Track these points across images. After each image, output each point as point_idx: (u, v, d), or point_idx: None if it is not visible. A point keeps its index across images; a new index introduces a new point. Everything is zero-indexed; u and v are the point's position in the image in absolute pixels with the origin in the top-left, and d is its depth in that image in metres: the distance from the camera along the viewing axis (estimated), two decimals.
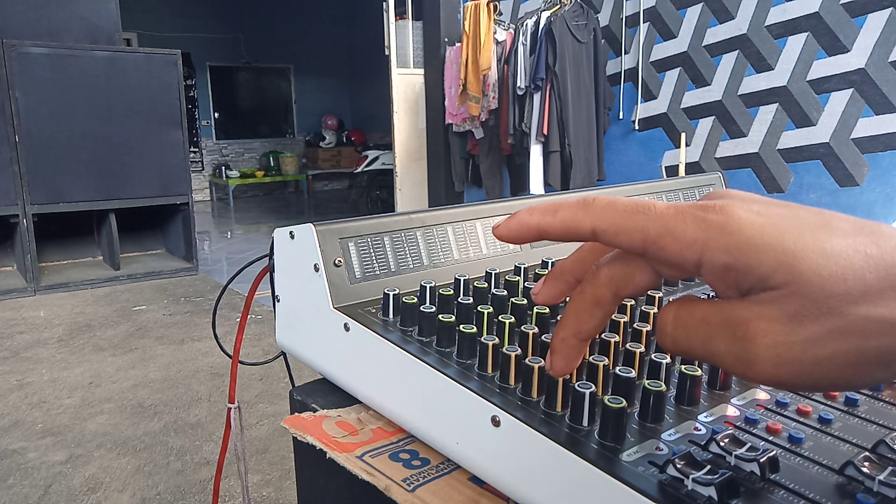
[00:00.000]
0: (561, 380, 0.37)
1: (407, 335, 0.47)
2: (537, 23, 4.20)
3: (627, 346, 0.42)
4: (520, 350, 0.41)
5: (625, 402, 0.34)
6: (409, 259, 0.57)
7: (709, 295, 0.58)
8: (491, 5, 4.53)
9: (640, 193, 0.77)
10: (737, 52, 3.77)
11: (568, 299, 0.31)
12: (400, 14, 5.30)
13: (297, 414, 0.52)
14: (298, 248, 0.54)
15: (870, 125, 3.29)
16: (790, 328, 0.24)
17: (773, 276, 0.24)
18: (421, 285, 0.51)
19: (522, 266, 0.58)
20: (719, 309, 0.26)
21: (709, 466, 0.31)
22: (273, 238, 0.58)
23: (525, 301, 0.48)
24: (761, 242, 0.24)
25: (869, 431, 0.37)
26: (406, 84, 5.33)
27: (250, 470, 2.09)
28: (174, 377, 2.88)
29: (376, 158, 7.15)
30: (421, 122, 5.46)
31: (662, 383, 0.37)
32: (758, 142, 3.76)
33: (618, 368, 0.38)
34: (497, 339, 0.42)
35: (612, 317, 0.45)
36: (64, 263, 4.76)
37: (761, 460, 0.31)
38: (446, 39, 5.11)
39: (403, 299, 0.48)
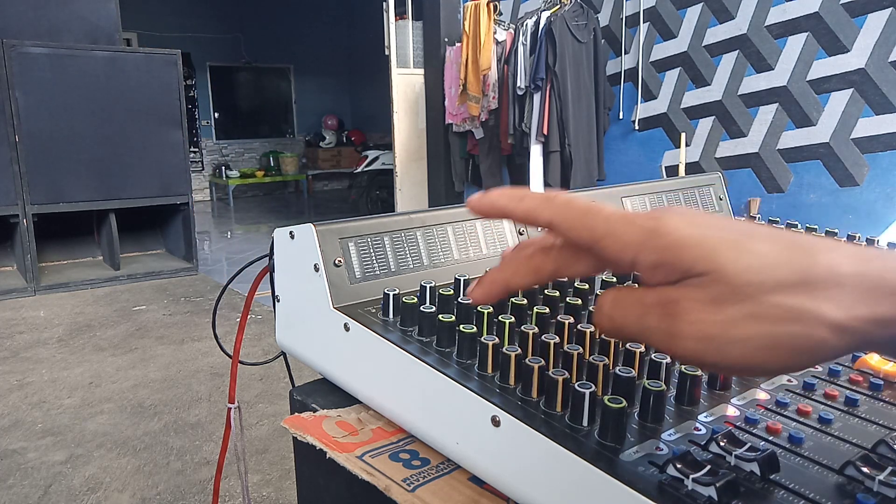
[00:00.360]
0: (561, 379, 0.37)
1: (407, 335, 0.47)
2: (537, 23, 4.20)
3: (627, 345, 0.42)
4: (520, 350, 0.41)
5: (625, 402, 0.34)
6: (409, 259, 0.57)
7: None
8: (491, 5, 4.53)
9: (640, 193, 0.77)
10: (737, 52, 3.77)
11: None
12: (400, 14, 5.30)
13: (297, 414, 0.52)
14: (298, 248, 0.54)
15: (870, 125, 3.29)
16: (711, 308, 0.27)
17: (696, 266, 0.27)
18: (421, 285, 0.51)
19: None
20: (653, 291, 0.29)
21: (709, 466, 0.31)
22: (273, 238, 0.58)
23: (525, 301, 0.48)
24: (685, 243, 0.28)
25: (869, 431, 0.37)
26: (406, 84, 5.33)
27: (250, 470, 2.09)
28: (174, 377, 2.88)
29: (376, 158, 7.15)
30: (421, 122, 5.46)
31: (662, 383, 0.37)
32: (758, 142, 3.76)
33: (618, 368, 0.38)
34: (497, 339, 0.42)
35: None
36: (64, 263, 4.76)
37: (761, 460, 0.31)
38: (446, 39, 5.11)
39: (403, 299, 0.48)
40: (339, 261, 0.53)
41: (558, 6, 4.16)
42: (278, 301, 0.59)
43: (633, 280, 0.51)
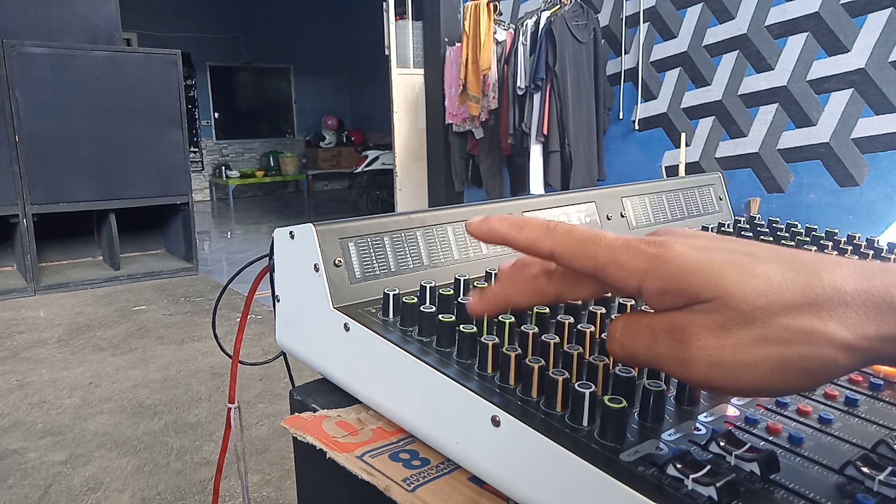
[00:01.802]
0: (561, 379, 0.37)
1: (407, 335, 0.47)
2: (537, 23, 4.20)
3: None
4: (520, 350, 0.41)
5: (625, 402, 0.34)
6: (409, 259, 0.57)
7: None
8: (491, 5, 4.53)
9: (639, 193, 0.77)
10: (737, 52, 3.77)
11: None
12: (400, 14, 5.30)
13: (297, 414, 0.52)
14: (298, 248, 0.54)
15: (870, 125, 3.29)
16: (720, 333, 0.27)
17: (702, 293, 0.28)
18: (421, 285, 0.51)
19: None
20: (662, 318, 0.29)
21: (709, 466, 0.31)
22: (273, 238, 0.58)
23: None
24: (691, 269, 0.28)
25: (869, 431, 0.37)
26: (406, 84, 5.33)
27: (250, 470, 2.09)
28: (174, 377, 2.88)
29: (376, 158, 7.15)
30: (421, 122, 5.46)
31: (662, 383, 0.37)
32: (758, 142, 3.76)
33: (618, 368, 0.38)
34: (497, 339, 0.42)
35: (611, 317, 0.46)
36: (64, 263, 4.76)
37: (761, 460, 0.31)
38: (446, 39, 5.11)
39: (403, 299, 0.48)
40: (339, 261, 0.53)
41: (558, 6, 4.16)
42: (278, 301, 0.59)
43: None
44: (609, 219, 0.73)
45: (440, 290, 0.50)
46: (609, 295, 0.46)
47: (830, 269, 0.27)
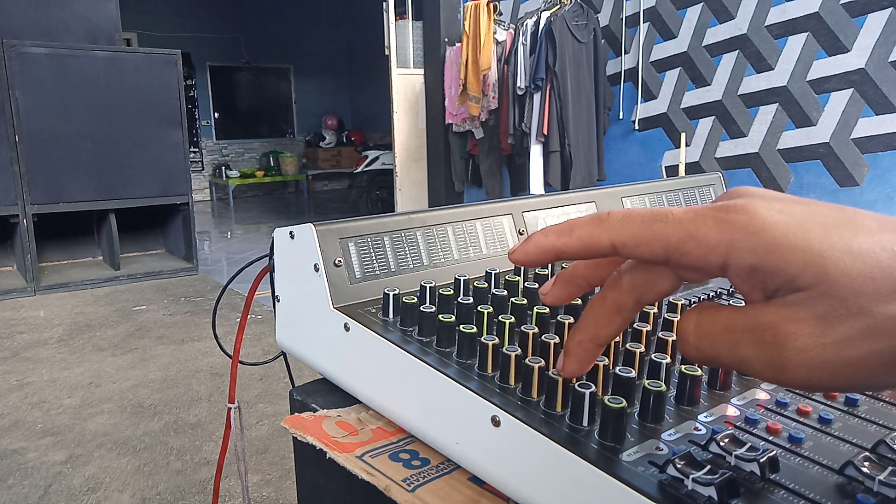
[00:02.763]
0: (561, 379, 0.37)
1: (407, 335, 0.47)
2: (537, 23, 4.20)
3: (627, 346, 0.42)
4: (520, 350, 0.41)
5: (625, 402, 0.34)
6: (409, 259, 0.57)
7: (709, 296, 0.58)
8: (491, 5, 4.53)
9: (640, 193, 0.77)
10: (737, 52, 3.77)
11: (580, 301, 0.31)
12: (400, 14, 5.30)
13: (297, 414, 0.52)
14: (298, 248, 0.54)
15: (870, 125, 3.29)
16: (820, 330, 0.23)
17: (801, 276, 0.24)
18: (421, 285, 0.51)
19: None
20: (743, 314, 0.25)
21: (709, 466, 0.31)
22: (273, 238, 0.58)
23: (525, 301, 0.48)
24: (787, 242, 0.24)
25: (869, 431, 0.37)
26: (406, 84, 5.33)
27: (250, 470, 2.09)
28: (174, 377, 2.88)
29: (376, 158, 7.15)
30: (421, 122, 5.46)
31: (662, 383, 0.37)
32: (758, 142, 3.76)
33: (618, 368, 0.38)
34: (497, 339, 0.42)
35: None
36: (64, 263, 4.76)
37: (761, 460, 0.31)
38: (446, 39, 5.11)
39: (403, 299, 0.48)
40: (339, 261, 0.53)
41: (558, 6, 4.16)
42: (278, 301, 0.59)
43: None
44: None
45: (440, 290, 0.50)
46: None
47: None
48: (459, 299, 0.48)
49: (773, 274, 0.24)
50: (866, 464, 0.31)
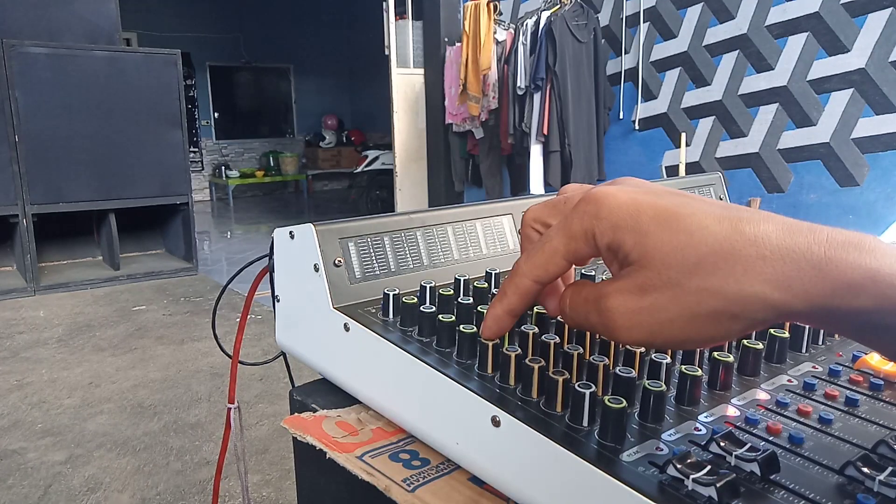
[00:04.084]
0: (561, 379, 0.37)
1: (407, 335, 0.47)
2: (537, 23, 4.20)
3: (627, 346, 0.42)
4: (520, 350, 0.41)
5: (625, 402, 0.34)
6: (409, 259, 0.57)
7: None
8: (491, 5, 4.53)
9: None
10: (737, 52, 3.77)
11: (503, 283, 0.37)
12: (400, 14, 5.30)
13: (296, 414, 0.52)
14: (298, 248, 0.54)
15: (870, 125, 3.29)
16: (639, 297, 0.29)
17: (632, 252, 0.30)
18: (421, 285, 0.51)
19: None
20: (593, 288, 0.32)
21: (709, 466, 0.31)
22: (273, 238, 0.58)
23: None
24: (624, 225, 0.30)
25: (869, 431, 0.37)
26: (406, 84, 5.33)
27: (250, 470, 2.09)
28: (174, 377, 2.88)
29: (376, 158, 7.15)
30: (421, 122, 5.46)
31: (662, 383, 0.37)
32: (758, 142, 3.76)
33: (618, 368, 0.38)
34: (497, 340, 0.42)
35: None
36: (64, 263, 4.76)
37: (761, 460, 0.31)
38: (446, 39, 5.10)
39: (403, 299, 0.48)
40: (339, 261, 0.53)
41: (558, 6, 4.16)
42: (278, 301, 0.59)
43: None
44: None
45: (440, 290, 0.50)
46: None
47: (756, 223, 0.28)
48: (459, 299, 0.48)
49: (616, 251, 0.30)
50: (866, 464, 0.31)
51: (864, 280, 0.26)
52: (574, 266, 0.34)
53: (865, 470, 0.31)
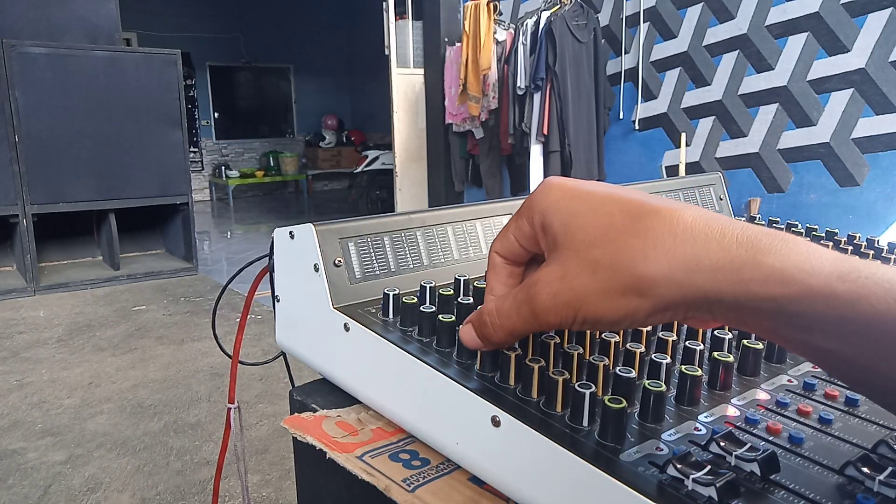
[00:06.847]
0: (561, 380, 0.37)
1: (407, 335, 0.47)
2: (537, 23, 4.20)
3: (627, 346, 0.42)
4: (520, 350, 0.41)
5: (625, 402, 0.34)
6: (409, 259, 0.57)
7: None
8: (491, 5, 4.53)
9: None
10: (737, 52, 3.77)
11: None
12: (400, 14, 5.30)
13: (296, 414, 0.52)
14: (298, 248, 0.54)
15: (870, 125, 3.29)
16: (560, 277, 0.32)
17: (559, 233, 0.33)
18: (421, 285, 0.51)
19: None
20: (520, 288, 0.34)
21: (709, 466, 0.31)
22: (273, 238, 0.58)
23: None
24: (555, 209, 0.33)
25: (869, 431, 0.37)
26: (406, 84, 5.33)
27: (250, 470, 2.09)
28: (174, 377, 2.88)
29: (376, 158, 7.15)
30: (421, 122, 5.46)
31: (662, 383, 0.37)
32: (758, 142, 3.76)
33: (618, 368, 0.38)
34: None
35: None
36: (64, 263, 4.76)
37: (761, 460, 0.31)
38: (446, 39, 5.10)
39: (403, 299, 0.48)
40: (339, 261, 0.53)
41: (558, 6, 4.16)
42: (278, 301, 0.59)
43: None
44: None
45: (440, 290, 0.50)
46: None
47: (676, 208, 0.30)
48: (459, 299, 0.48)
49: (546, 231, 0.34)
50: (866, 464, 0.31)
51: (775, 265, 0.26)
52: (527, 250, 0.37)
53: (865, 470, 0.31)
